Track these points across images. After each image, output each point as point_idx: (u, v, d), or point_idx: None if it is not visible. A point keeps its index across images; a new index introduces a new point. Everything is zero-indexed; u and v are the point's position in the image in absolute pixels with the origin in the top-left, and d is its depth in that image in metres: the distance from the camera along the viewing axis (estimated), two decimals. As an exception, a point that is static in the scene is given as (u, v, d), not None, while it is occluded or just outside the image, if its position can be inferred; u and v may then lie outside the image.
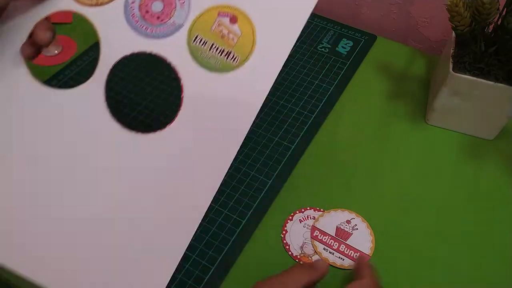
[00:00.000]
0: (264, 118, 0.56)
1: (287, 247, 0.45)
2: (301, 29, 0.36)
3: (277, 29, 0.36)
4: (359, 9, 0.73)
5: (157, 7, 0.37)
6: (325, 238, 0.45)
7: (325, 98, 0.59)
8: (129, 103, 0.41)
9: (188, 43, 0.36)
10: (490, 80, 0.49)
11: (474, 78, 0.50)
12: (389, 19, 0.71)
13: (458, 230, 0.48)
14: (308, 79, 0.61)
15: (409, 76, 0.63)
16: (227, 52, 0.36)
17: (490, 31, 0.51)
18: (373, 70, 0.63)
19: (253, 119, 0.35)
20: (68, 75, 0.60)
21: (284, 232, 0.45)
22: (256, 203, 0.48)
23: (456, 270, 0.45)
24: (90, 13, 0.38)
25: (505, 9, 0.48)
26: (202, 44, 0.36)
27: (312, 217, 0.46)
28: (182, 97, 0.35)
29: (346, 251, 0.45)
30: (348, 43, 0.66)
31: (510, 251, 0.46)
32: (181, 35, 0.36)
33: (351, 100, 0.59)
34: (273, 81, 0.36)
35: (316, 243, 0.45)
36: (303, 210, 0.47)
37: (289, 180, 0.51)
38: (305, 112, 0.57)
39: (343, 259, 0.44)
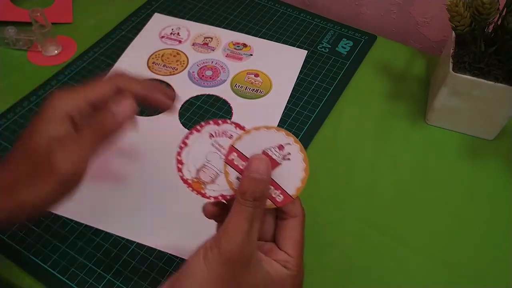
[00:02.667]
0: (264, 118, 0.57)
1: (180, 165, 0.34)
2: (296, 76, 0.62)
3: (282, 77, 0.61)
4: (359, 9, 0.73)
5: (208, 73, 0.61)
6: (242, 165, 0.33)
7: (325, 98, 0.59)
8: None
9: (232, 87, 0.60)
10: (490, 80, 0.49)
11: (474, 78, 0.50)
12: (389, 19, 0.71)
13: (457, 229, 0.48)
14: (308, 79, 0.61)
15: (409, 76, 0.63)
16: (256, 90, 0.60)
17: (490, 31, 0.51)
18: (373, 70, 0.63)
19: (277, 122, 0.56)
20: (68, 75, 0.60)
21: (182, 145, 0.34)
22: (256, 203, 0.48)
23: (456, 270, 0.45)
24: (166, 79, 0.61)
25: (505, 9, 0.48)
26: (240, 87, 0.60)
27: (229, 135, 0.34)
28: (232, 112, 0.57)
29: None
30: (348, 43, 0.66)
31: (509, 251, 0.46)
32: (227, 84, 0.60)
33: (351, 100, 0.59)
34: (285, 102, 0.58)
35: (230, 169, 0.34)
36: (220, 122, 0.34)
37: (289, 180, 0.51)
38: (305, 112, 0.57)
39: None
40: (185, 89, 0.59)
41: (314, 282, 0.43)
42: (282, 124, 0.56)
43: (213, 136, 0.34)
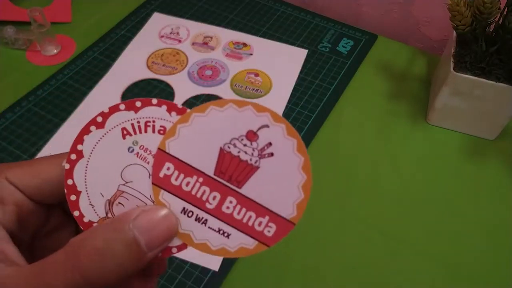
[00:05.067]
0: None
1: (74, 195, 0.19)
2: (296, 76, 0.61)
3: (283, 77, 0.61)
4: (360, 8, 0.73)
5: (208, 72, 0.61)
6: (187, 183, 0.19)
7: (325, 98, 0.58)
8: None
9: (231, 87, 0.59)
10: (491, 80, 0.49)
11: (475, 78, 0.50)
12: (390, 19, 0.71)
13: (458, 230, 0.47)
14: (308, 78, 0.61)
15: (410, 75, 0.62)
16: (256, 89, 0.59)
17: (491, 30, 0.51)
18: (374, 70, 0.63)
19: None
20: (67, 74, 0.60)
21: (73, 156, 0.19)
22: (256, 203, 0.48)
23: (456, 270, 0.45)
24: (166, 78, 0.60)
25: (506, 8, 0.48)
26: (240, 87, 0.59)
27: (160, 128, 0.19)
28: None
29: (239, 214, 0.20)
30: (349, 42, 0.66)
31: (511, 251, 0.46)
32: (226, 84, 0.60)
33: (352, 100, 0.59)
34: (286, 102, 0.58)
35: (165, 195, 0.19)
36: (138, 104, 0.19)
37: (289, 180, 0.50)
38: (305, 112, 0.57)
39: (229, 235, 0.20)
40: (184, 88, 0.59)
41: (314, 282, 0.43)
42: (282, 124, 0.55)
43: (128, 133, 0.19)
